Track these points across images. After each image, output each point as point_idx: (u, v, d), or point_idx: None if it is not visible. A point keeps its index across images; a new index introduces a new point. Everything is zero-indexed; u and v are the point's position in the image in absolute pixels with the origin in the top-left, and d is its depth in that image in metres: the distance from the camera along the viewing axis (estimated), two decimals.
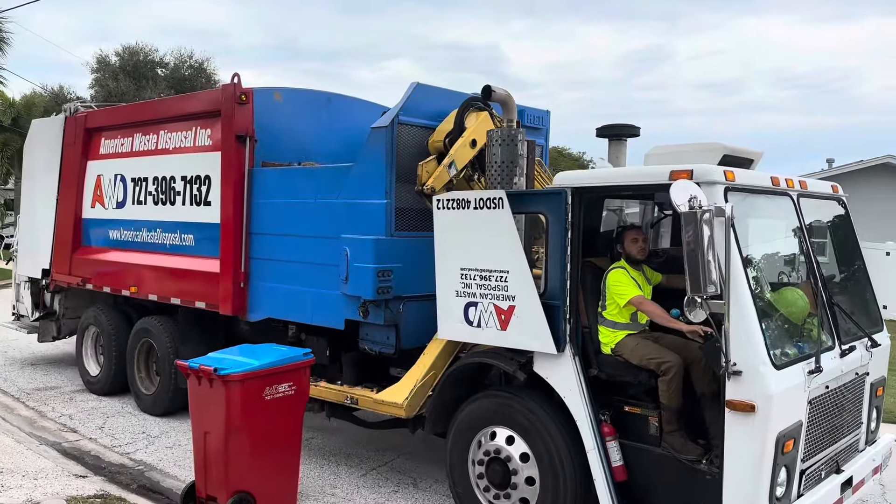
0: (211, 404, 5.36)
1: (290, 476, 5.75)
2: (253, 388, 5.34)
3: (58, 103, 35.54)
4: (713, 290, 3.81)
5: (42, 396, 9.15)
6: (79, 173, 9.21)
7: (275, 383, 5.49)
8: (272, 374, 5.48)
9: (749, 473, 4.04)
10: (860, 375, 5.14)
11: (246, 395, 5.29)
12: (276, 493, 5.57)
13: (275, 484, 5.55)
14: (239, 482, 5.31)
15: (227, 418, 5.27)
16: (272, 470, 5.55)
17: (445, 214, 5.18)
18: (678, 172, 4.21)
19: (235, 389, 5.23)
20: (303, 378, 5.75)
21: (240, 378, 5.26)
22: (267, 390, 5.43)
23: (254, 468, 5.39)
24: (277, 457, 5.59)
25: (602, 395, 4.85)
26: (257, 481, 5.40)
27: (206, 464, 5.44)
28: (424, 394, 5.60)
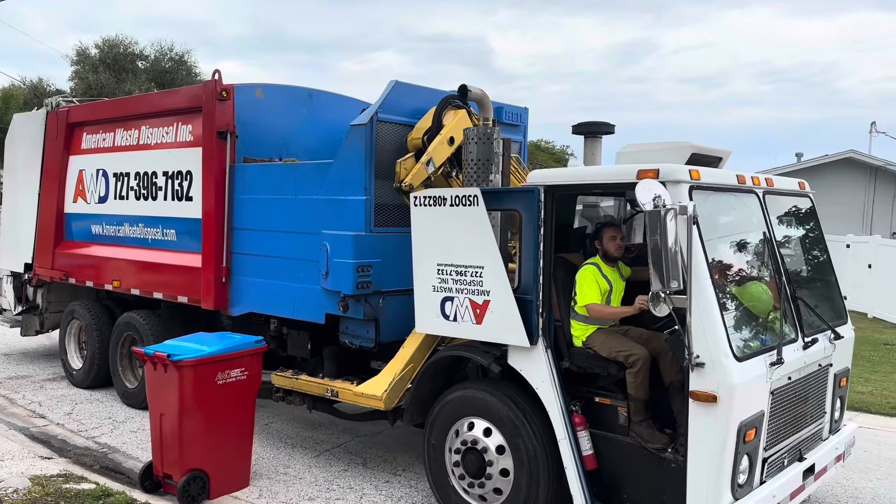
0: (165, 388, 5.67)
1: (242, 456, 6.07)
2: (205, 373, 5.65)
3: (37, 96, 35.30)
4: (676, 286, 3.96)
5: (13, 385, 9.28)
6: (61, 168, 9.25)
7: (227, 369, 5.79)
8: (224, 360, 5.79)
9: (712, 461, 4.20)
10: (823, 367, 5.32)
11: (198, 379, 5.60)
12: (229, 471, 5.90)
13: (228, 463, 5.87)
14: (193, 461, 5.64)
15: (180, 401, 5.57)
16: (225, 450, 5.85)
17: (422, 211, 5.31)
18: (645, 171, 4.35)
19: (188, 374, 5.54)
20: (255, 364, 6.04)
21: (192, 363, 5.57)
22: (219, 375, 5.74)
23: (207, 448, 5.70)
24: (230, 438, 5.89)
25: (574, 386, 5.01)
26: (211, 460, 5.73)
27: (162, 445, 5.75)
28: (403, 386, 5.74)
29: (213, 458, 5.77)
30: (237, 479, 6.02)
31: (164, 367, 5.64)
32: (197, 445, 5.67)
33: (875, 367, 12.03)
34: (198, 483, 5.66)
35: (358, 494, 6.00)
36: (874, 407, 9.37)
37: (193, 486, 5.63)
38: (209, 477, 5.72)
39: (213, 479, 5.75)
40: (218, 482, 5.81)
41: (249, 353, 6.00)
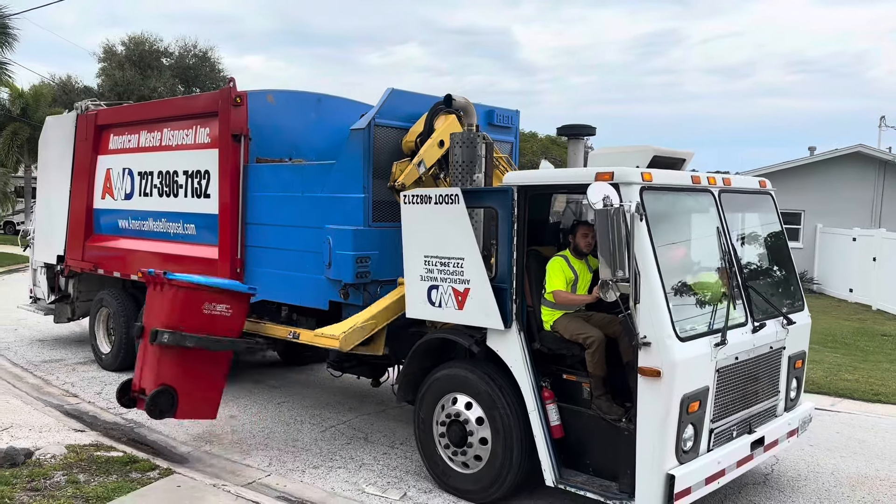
0: (157, 307, 6.35)
1: (214, 389, 6.62)
2: (194, 298, 6.31)
3: (65, 93, 36.41)
4: (622, 275, 4.54)
5: (48, 367, 10.06)
6: (90, 167, 9.98)
7: (214, 301, 6.44)
8: (213, 293, 6.46)
9: (657, 429, 4.77)
10: (775, 349, 5.85)
11: (187, 301, 6.26)
12: (198, 398, 6.46)
13: (199, 390, 6.43)
14: (166, 378, 6.21)
15: (166, 318, 6.22)
16: (199, 377, 6.40)
17: (411, 208, 5.92)
18: (601, 174, 4.93)
19: (179, 294, 6.23)
20: (240, 305, 6.67)
21: (185, 285, 6.28)
22: (206, 305, 6.37)
23: (182, 370, 6.29)
24: (205, 367, 6.46)
25: (545, 365, 5.60)
26: (183, 382, 6.29)
27: (143, 363, 6.37)
28: (361, 335, 6.29)
29: (186, 380, 6.29)
30: (205, 408, 6.56)
31: (160, 286, 6.28)
32: (173, 364, 6.22)
33: (867, 356, 12.45)
34: (166, 397, 6.18)
35: (357, 464, 6.64)
36: (857, 393, 9.82)
37: (162, 400, 6.16)
38: (178, 396, 6.22)
39: (182, 400, 6.26)
40: (186, 404, 6.32)
41: (236, 294, 6.64)
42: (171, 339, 6.22)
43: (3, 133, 31.64)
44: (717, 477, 5.17)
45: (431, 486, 6.10)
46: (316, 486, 6.09)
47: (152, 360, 6.31)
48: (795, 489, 6.32)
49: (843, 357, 12.16)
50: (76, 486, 5.69)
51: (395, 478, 6.32)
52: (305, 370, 10.19)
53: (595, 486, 5.20)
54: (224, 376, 6.78)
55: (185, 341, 6.26)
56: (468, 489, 5.82)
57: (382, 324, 6.38)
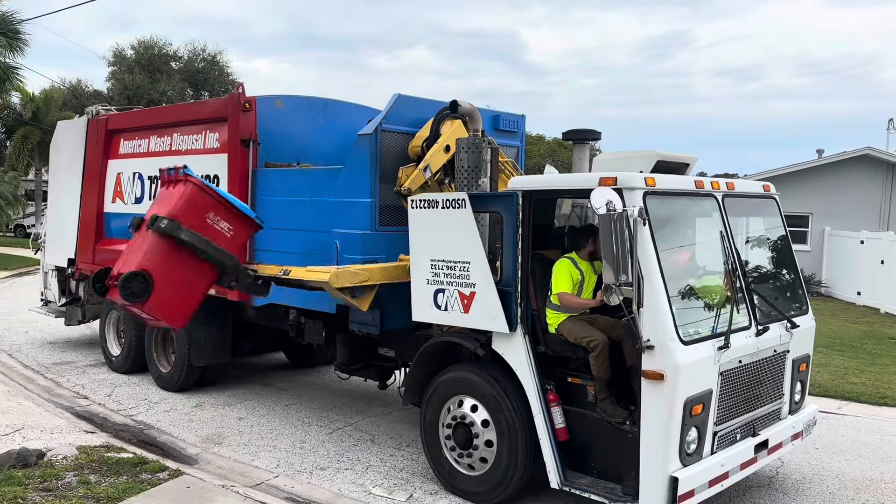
0: (166, 200, 6.24)
1: (190, 296, 6.32)
2: (202, 200, 6.17)
3: (76, 97, 36.69)
4: (625, 279, 4.60)
5: (59, 369, 10.19)
6: (100, 171, 10.08)
7: (220, 215, 6.29)
8: (222, 206, 6.32)
9: (661, 432, 4.82)
10: (779, 352, 5.89)
11: (194, 199, 6.14)
12: (172, 298, 6.12)
13: (175, 290, 6.11)
14: (148, 266, 5.92)
15: (169, 210, 6.09)
16: (179, 278, 6.12)
17: (418, 213, 5.99)
18: (605, 179, 4.99)
19: (190, 189, 6.13)
20: (243, 232, 6.53)
21: (198, 184, 6.19)
22: (211, 215, 6.22)
23: (166, 264, 6.02)
24: (188, 272, 6.18)
25: (550, 368, 5.66)
26: (163, 276, 5.96)
27: (131, 250, 6.19)
28: (353, 279, 6.14)
29: (167, 275, 5.95)
30: (175, 313, 6.24)
31: (174, 182, 6.18)
32: (159, 256, 5.95)
33: (874, 359, 12.43)
34: (140, 282, 5.79)
35: (364, 465, 6.71)
36: (864, 397, 9.82)
37: (136, 283, 5.77)
38: (153, 287, 5.82)
39: (156, 294, 5.87)
40: (158, 300, 5.93)
41: (244, 217, 6.46)
42: (169, 226, 5.96)
43: (14, 137, 31.95)
44: (721, 479, 5.21)
45: (437, 487, 6.16)
46: (323, 488, 6.16)
47: (141, 245, 6.01)
48: (800, 492, 6.35)
49: (851, 360, 12.15)
50: (87, 487, 5.78)
51: (402, 479, 6.39)
52: (313, 373, 10.27)
53: (599, 488, 5.25)
54: (203, 293, 6.46)
55: (180, 233, 6.00)
56: (474, 491, 5.87)
57: (374, 281, 6.31)
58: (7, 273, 22.47)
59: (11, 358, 10.81)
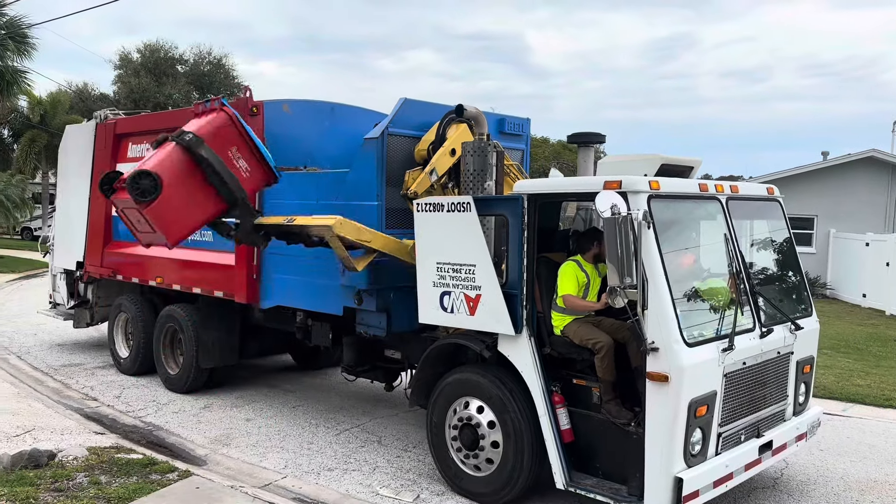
0: (197, 122, 6.42)
1: (189, 218, 6.38)
2: (229, 133, 6.36)
3: (82, 100, 36.90)
4: (630, 282, 4.65)
5: (68, 371, 10.28)
6: None
7: (242, 153, 6.45)
8: (247, 145, 6.48)
9: (665, 433, 4.86)
10: (783, 354, 5.93)
11: (222, 129, 6.33)
12: (174, 212, 6.19)
13: (178, 208, 6.19)
14: (162, 172, 6.02)
15: (197, 129, 6.24)
16: (186, 197, 6.20)
17: (424, 216, 6.05)
18: (609, 182, 5.04)
19: (221, 118, 6.38)
20: (259, 178, 6.64)
21: (231, 115, 6.39)
22: (233, 150, 6.39)
23: (179, 177, 6.14)
24: (195, 196, 6.28)
25: (555, 369, 5.71)
26: (172, 186, 6.05)
27: (148, 158, 6.31)
28: (356, 233, 6.26)
29: (175, 188, 6.03)
30: (173, 228, 6.25)
31: (213, 111, 6.44)
32: (175, 167, 6.07)
33: (879, 361, 12.44)
34: (151, 181, 5.87)
35: (371, 467, 6.77)
36: (869, 399, 9.84)
37: (146, 181, 5.87)
38: (161, 191, 5.89)
39: (161, 199, 5.94)
40: (161, 207, 5.99)
41: (265, 164, 6.59)
42: (192, 140, 6.11)
43: (22, 140, 32.16)
44: (726, 480, 5.26)
45: (444, 488, 6.21)
46: (331, 489, 6.22)
47: (159, 153, 6.12)
48: (805, 493, 6.39)
49: (856, 362, 12.17)
50: (98, 487, 5.85)
51: (409, 480, 6.44)
52: (320, 375, 10.33)
53: (605, 489, 5.30)
54: (202, 221, 6.53)
55: (200, 148, 6.11)
56: (480, 492, 5.92)
57: (374, 246, 6.37)
58: (14, 276, 22.60)
59: (21, 360, 10.91)
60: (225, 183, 6.33)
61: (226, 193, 6.39)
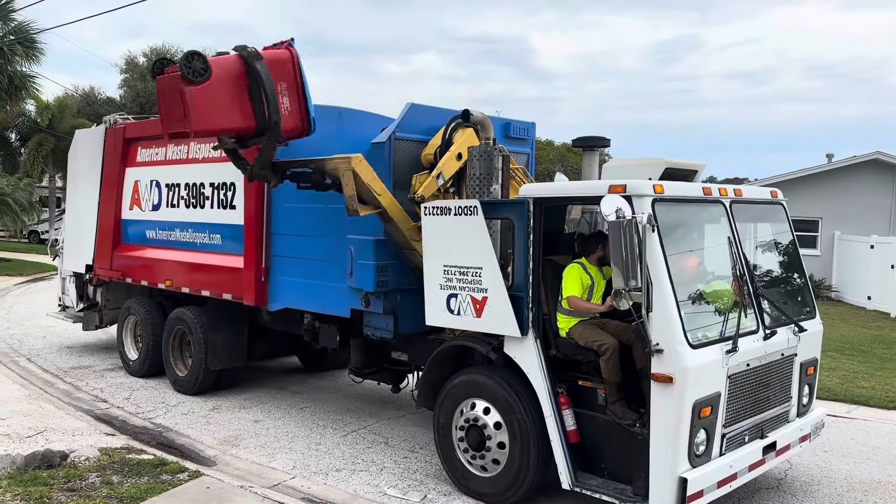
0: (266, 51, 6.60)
1: (220, 113, 6.41)
2: (285, 70, 6.55)
3: (88, 104, 37.12)
4: (634, 284, 4.72)
5: (77, 374, 10.38)
6: (118, 179, 10.28)
7: (289, 92, 6.57)
8: (296, 87, 6.61)
9: (670, 434, 4.93)
10: (787, 356, 5.99)
11: (281, 64, 6.53)
12: (212, 103, 6.29)
13: (218, 99, 6.31)
14: (214, 67, 6.19)
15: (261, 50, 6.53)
16: (227, 93, 6.34)
17: (431, 220, 6.13)
18: (614, 186, 5.11)
19: (283, 54, 6.60)
20: (294, 123, 6.74)
21: (294, 55, 6.61)
22: (283, 86, 6.54)
23: (225, 77, 6.29)
24: (234, 98, 6.38)
25: (561, 371, 5.78)
26: (219, 78, 6.23)
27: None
28: (368, 176, 6.51)
29: (220, 83, 6.22)
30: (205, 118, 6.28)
31: (279, 48, 6.65)
32: (226, 68, 6.24)
33: (884, 363, 12.47)
34: (203, 63, 6.06)
35: (379, 467, 6.84)
36: (873, 401, 9.88)
37: (198, 62, 6.04)
38: (210, 76, 6.08)
39: (206, 87, 6.13)
40: (204, 96, 6.14)
41: (304, 112, 6.75)
42: (252, 53, 6.34)
43: (29, 144, 32.36)
44: (730, 480, 5.32)
45: (451, 489, 6.29)
46: (339, 489, 6.30)
47: (219, 57, 6.37)
48: (808, 493, 6.44)
49: (860, 364, 12.20)
50: (110, 487, 5.94)
51: (416, 481, 6.51)
52: (327, 376, 10.41)
53: (610, 489, 5.36)
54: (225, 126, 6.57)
55: (256, 62, 6.33)
56: (487, 492, 5.99)
57: (384, 202, 6.51)
58: (23, 278, 22.76)
59: (30, 362, 11.01)
60: (264, 102, 6.41)
61: (260, 112, 6.46)
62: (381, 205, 6.52)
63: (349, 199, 6.49)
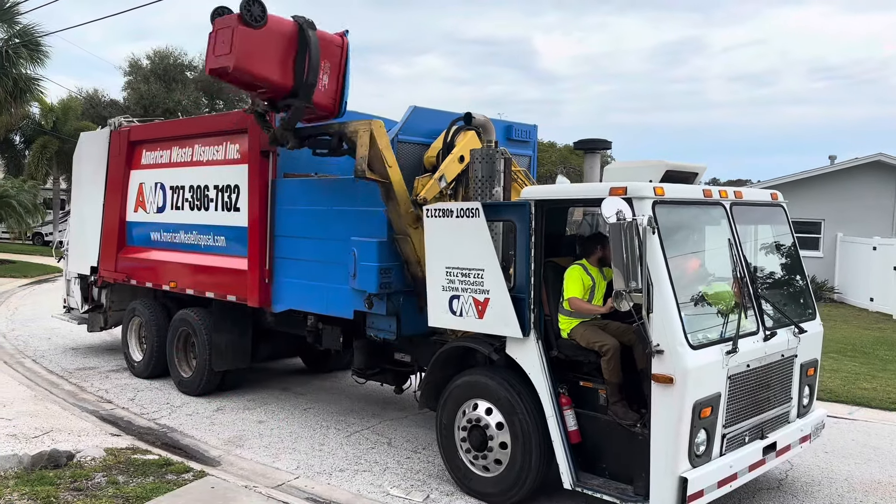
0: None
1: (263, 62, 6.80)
2: (332, 51, 7.09)
3: (92, 106, 37.22)
4: (635, 286, 4.77)
5: (82, 375, 10.45)
6: (123, 181, 10.35)
7: (330, 73, 7.06)
8: (338, 70, 7.13)
9: (670, 434, 4.97)
10: (787, 357, 6.03)
11: (330, 45, 7.10)
12: (259, 51, 6.74)
13: (265, 49, 6.74)
14: (271, 20, 6.75)
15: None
16: (275, 47, 6.80)
17: (433, 222, 6.18)
18: (615, 189, 5.16)
19: (336, 38, 7.12)
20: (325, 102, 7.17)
21: (343, 41, 7.20)
22: (325, 64, 7.09)
23: (277, 33, 6.81)
24: (280, 54, 6.83)
25: (563, 372, 5.82)
26: (273, 30, 6.73)
27: None
28: (384, 140, 6.77)
29: (273, 37, 6.72)
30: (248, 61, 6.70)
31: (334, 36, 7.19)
32: (279, 25, 6.73)
33: (886, 365, 12.48)
34: (261, 10, 6.55)
35: (382, 467, 6.89)
36: (875, 402, 9.90)
37: (256, 8, 6.51)
38: (265, 25, 6.59)
39: (261, 34, 6.64)
40: (253, 41, 6.61)
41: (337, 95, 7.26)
42: (309, 21, 6.88)
43: (34, 146, 32.47)
44: (730, 480, 5.36)
45: (453, 489, 6.33)
46: (342, 489, 6.35)
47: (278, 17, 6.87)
48: (808, 494, 6.47)
49: (862, 366, 12.22)
50: (116, 487, 6.00)
51: (419, 481, 6.56)
52: (330, 377, 10.47)
53: (611, 488, 5.41)
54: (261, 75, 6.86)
55: (310, 31, 6.87)
56: (489, 492, 6.04)
57: (392, 177, 6.68)
58: (27, 280, 22.85)
59: (36, 363, 11.08)
60: (306, 66, 6.83)
61: (300, 75, 6.87)
62: (388, 177, 6.62)
63: (360, 160, 6.66)
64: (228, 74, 6.76)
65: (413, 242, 6.66)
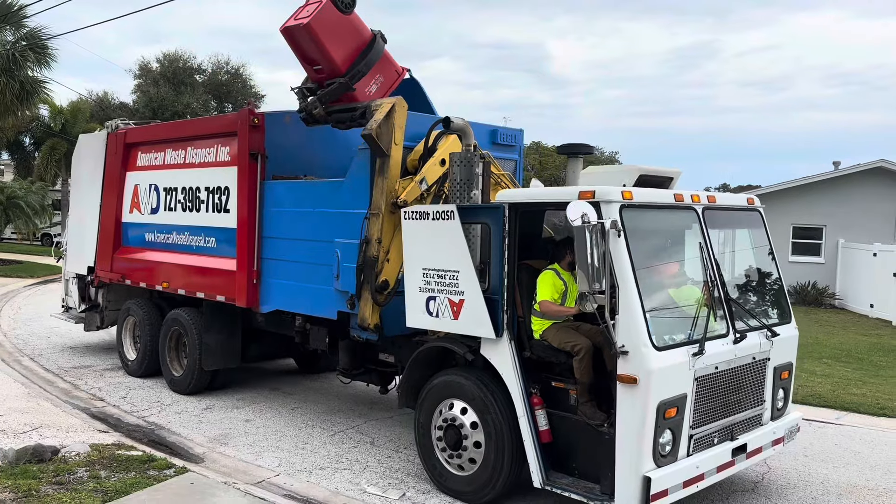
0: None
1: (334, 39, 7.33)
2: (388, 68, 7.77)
3: (102, 108, 37.57)
4: (598, 288, 4.85)
5: (77, 373, 10.62)
6: (119, 182, 10.51)
7: (379, 85, 7.67)
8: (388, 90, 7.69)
9: (635, 434, 5.05)
10: (758, 360, 6.09)
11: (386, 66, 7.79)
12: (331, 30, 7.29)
13: (338, 33, 7.37)
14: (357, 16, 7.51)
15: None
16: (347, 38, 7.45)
17: (410, 224, 6.29)
18: (584, 192, 5.25)
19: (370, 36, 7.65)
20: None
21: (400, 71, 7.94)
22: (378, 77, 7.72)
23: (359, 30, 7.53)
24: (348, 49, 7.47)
25: (535, 372, 5.91)
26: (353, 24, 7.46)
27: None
28: (402, 118, 6.90)
29: (354, 28, 7.42)
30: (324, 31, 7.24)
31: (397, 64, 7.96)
32: (362, 25, 7.50)
33: (879, 371, 12.50)
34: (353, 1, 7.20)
35: (362, 466, 6.99)
36: (863, 408, 9.91)
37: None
38: (350, 14, 7.28)
39: (348, 17, 7.32)
40: (337, 20, 7.25)
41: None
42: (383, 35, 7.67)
43: (42, 148, 32.80)
44: (696, 481, 5.43)
45: (430, 487, 6.43)
46: (321, 486, 6.45)
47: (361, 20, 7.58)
48: (783, 496, 6.53)
49: (855, 372, 12.23)
50: (97, 481, 6.12)
51: (397, 479, 6.66)
52: (321, 378, 10.58)
53: (579, 487, 5.49)
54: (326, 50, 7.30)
55: (380, 39, 7.62)
56: (463, 490, 6.13)
57: (394, 156, 6.84)
58: (33, 280, 23.10)
59: (33, 362, 11.25)
60: (363, 61, 7.45)
61: (354, 65, 7.42)
62: (389, 153, 6.78)
63: (373, 122, 6.81)
64: (300, 31, 7.18)
65: (382, 223, 6.73)
